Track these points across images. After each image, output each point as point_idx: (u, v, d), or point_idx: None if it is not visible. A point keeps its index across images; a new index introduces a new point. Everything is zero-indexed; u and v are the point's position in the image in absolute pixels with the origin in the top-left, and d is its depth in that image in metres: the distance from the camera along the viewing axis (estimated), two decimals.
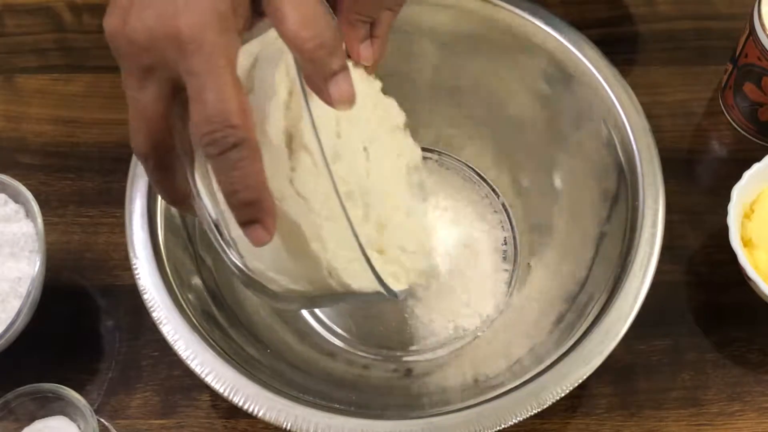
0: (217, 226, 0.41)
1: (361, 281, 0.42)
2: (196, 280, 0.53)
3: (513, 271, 0.60)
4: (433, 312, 0.58)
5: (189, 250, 0.54)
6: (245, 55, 0.41)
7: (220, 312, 0.53)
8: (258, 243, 0.38)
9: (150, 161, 0.39)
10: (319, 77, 0.38)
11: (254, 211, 0.37)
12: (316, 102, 0.39)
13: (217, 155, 0.36)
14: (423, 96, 0.62)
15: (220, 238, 0.41)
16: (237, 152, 0.36)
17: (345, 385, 0.54)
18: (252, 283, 0.43)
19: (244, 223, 0.37)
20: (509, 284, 0.59)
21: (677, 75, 0.69)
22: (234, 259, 0.42)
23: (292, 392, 0.47)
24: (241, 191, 0.36)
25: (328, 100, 0.38)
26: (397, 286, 0.44)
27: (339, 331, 0.59)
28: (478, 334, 0.57)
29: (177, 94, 0.38)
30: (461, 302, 0.58)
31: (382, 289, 0.41)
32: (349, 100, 0.38)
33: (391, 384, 0.56)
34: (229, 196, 0.37)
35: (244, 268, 0.42)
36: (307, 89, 0.38)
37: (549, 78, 0.58)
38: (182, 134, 0.39)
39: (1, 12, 0.74)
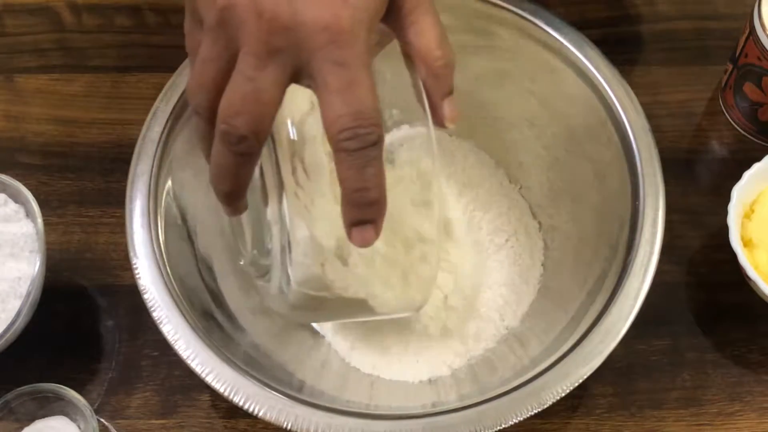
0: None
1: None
2: (197, 280, 0.53)
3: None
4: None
5: (189, 250, 0.54)
6: None
7: (220, 312, 0.53)
8: (365, 244, 0.38)
9: (242, 145, 0.37)
10: (438, 94, 0.40)
11: (374, 211, 0.37)
12: None
13: (356, 150, 0.36)
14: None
15: (287, 244, 0.41)
16: (374, 150, 0.36)
17: (345, 383, 0.54)
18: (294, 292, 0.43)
19: (359, 223, 0.37)
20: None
21: (677, 75, 0.69)
22: (288, 266, 0.42)
23: (292, 392, 0.47)
24: (370, 189, 0.37)
25: (441, 118, 0.40)
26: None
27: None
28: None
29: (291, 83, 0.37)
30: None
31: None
32: (455, 119, 0.40)
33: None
34: (354, 193, 0.37)
35: (291, 274, 0.42)
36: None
37: (549, 78, 0.58)
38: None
39: (1, 12, 0.74)
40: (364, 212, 0.37)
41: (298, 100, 0.43)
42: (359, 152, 0.36)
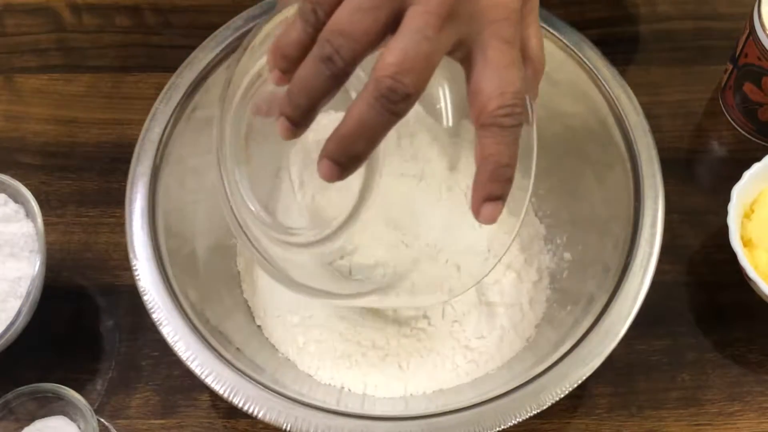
0: None
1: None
2: (197, 281, 0.53)
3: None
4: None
5: (189, 250, 0.54)
6: None
7: (220, 313, 0.53)
8: (492, 219, 0.38)
9: (403, 104, 0.35)
10: (533, 95, 0.42)
11: (508, 188, 0.38)
12: None
13: (511, 127, 0.37)
14: None
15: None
16: (520, 129, 0.37)
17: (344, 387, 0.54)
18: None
19: (494, 198, 0.38)
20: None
21: (677, 75, 0.69)
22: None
23: (291, 393, 0.47)
24: (510, 166, 0.37)
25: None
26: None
27: None
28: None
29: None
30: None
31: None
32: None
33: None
34: (500, 168, 0.37)
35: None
36: None
37: (549, 78, 0.58)
38: None
39: (1, 12, 0.74)
40: (501, 187, 0.38)
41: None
42: (512, 129, 0.37)
